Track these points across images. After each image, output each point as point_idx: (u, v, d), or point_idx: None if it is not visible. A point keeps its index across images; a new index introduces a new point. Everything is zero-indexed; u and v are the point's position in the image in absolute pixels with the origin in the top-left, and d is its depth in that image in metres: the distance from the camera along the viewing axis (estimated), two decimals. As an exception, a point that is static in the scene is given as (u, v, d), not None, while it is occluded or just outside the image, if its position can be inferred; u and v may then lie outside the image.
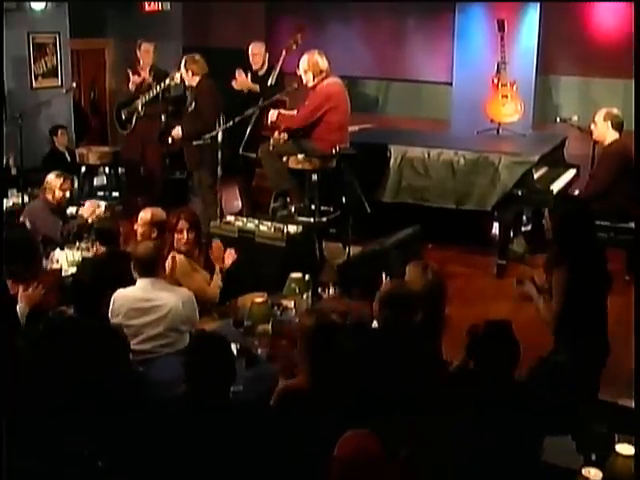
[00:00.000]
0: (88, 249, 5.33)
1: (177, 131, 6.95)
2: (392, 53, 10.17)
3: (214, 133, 6.23)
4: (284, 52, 7.40)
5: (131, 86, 7.78)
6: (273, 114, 6.44)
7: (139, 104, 7.75)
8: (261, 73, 7.60)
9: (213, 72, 7.00)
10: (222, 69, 7.16)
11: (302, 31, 7.39)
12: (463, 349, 3.32)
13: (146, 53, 7.79)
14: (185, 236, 4.77)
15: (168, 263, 4.56)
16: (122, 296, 4.04)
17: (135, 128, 7.86)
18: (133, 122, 7.84)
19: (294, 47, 7.35)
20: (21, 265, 4.23)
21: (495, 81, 8.92)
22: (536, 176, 6.63)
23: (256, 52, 7.60)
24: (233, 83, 7.49)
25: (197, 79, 6.86)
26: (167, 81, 7.37)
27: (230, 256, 4.92)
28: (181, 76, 7.04)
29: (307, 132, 6.33)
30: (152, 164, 7.93)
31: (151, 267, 4.03)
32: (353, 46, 10.22)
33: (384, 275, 4.41)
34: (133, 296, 4.03)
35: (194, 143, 6.59)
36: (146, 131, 7.80)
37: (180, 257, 4.62)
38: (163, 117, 7.42)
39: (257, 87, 7.44)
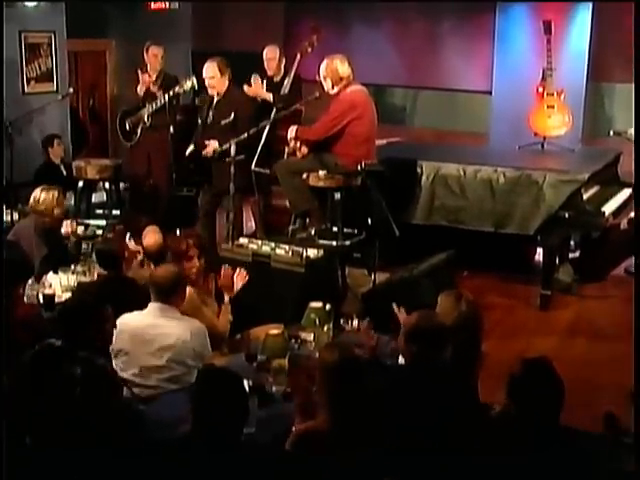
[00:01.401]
0: (85, 273, 5.42)
1: (215, 145, 6.81)
2: (424, 58, 10.25)
3: (226, 146, 6.31)
4: (298, 56, 7.49)
5: (140, 88, 7.86)
6: (292, 130, 6.52)
7: (145, 113, 7.84)
8: (276, 80, 7.71)
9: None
10: (235, 75, 7.27)
11: (318, 32, 7.47)
12: (503, 391, 3.30)
13: (154, 57, 7.88)
14: (196, 264, 4.84)
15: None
16: (126, 321, 4.13)
17: (140, 140, 7.95)
18: (138, 133, 7.93)
19: (309, 50, 7.44)
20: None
21: (540, 90, 8.94)
22: (585, 196, 6.65)
23: (271, 56, 7.70)
24: (245, 89, 7.58)
25: (226, 85, 6.96)
26: (177, 89, 7.45)
27: (241, 278, 4.99)
28: (193, 83, 7.13)
29: (329, 146, 6.40)
30: (158, 179, 8.00)
31: (166, 293, 4.12)
32: (380, 50, 10.31)
33: (397, 307, 4.44)
34: (139, 320, 4.11)
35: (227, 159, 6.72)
36: (152, 143, 7.86)
37: (189, 290, 4.67)
38: (171, 128, 7.49)
39: (270, 96, 7.53)
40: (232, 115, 6.95)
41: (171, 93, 7.52)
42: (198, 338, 4.12)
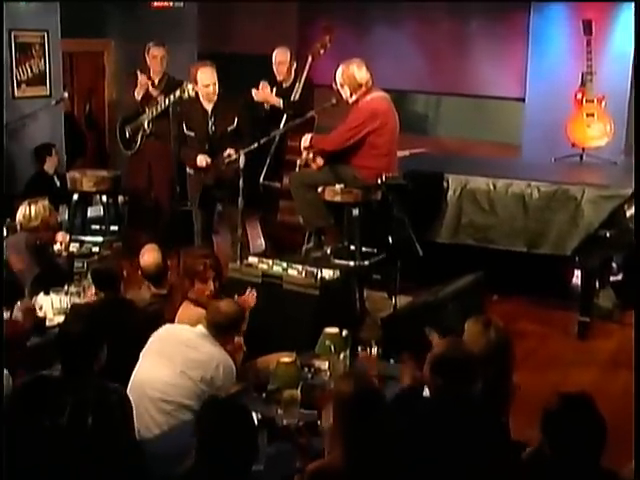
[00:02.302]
0: (79, 294, 5.46)
1: (232, 152, 6.71)
2: (450, 62, 10.27)
3: (235, 156, 6.37)
4: (310, 59, 7.55)
5: (137, 92, 7.92)
6: (306, 139, 6.56)
7: (145, 120, 7.91)
8: (286, 85, 7.77)
9: (233, 82, 7.15)
10: (244, 79, 7.33)
11: (331, 33, 7.52)
12: (537, 428, 3.28)
13: (155, 59, 7.96)
14: (210, 287, 4.89)
15: (180, 316, 4.66)
16: (169, 327, 4.37)
17: (140, 148, 8.01)
18: (138, 141, 8.00)
19: (321, 52, 7.50)
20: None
21: (579, 96, 8.93)
22: (628, 213, 6.64)
23: (281, 60, 7.75)
24: (253, 93, 7.63)
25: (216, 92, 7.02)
26: (177, 93, 7.50)
27: (251, 298, 5.03)
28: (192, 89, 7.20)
29: (347, 157, 6.44)
30: (160, 192, 8.07)
31: (223, 330, 4.21)
32: (402, 53, 10.35)
33: (429, 331, 4.45)
34: (182, 329, 4.33)
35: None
36: (153, 152, 7.95)
37: (200, 313, 4.66)
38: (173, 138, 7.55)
39: (280, 101, 7.59)
40: (235, 121, 7.01)
41: (172, 98, 7.56)
42: (224, 372, 4.17)
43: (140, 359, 4.25)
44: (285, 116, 7.41)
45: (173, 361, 4.15)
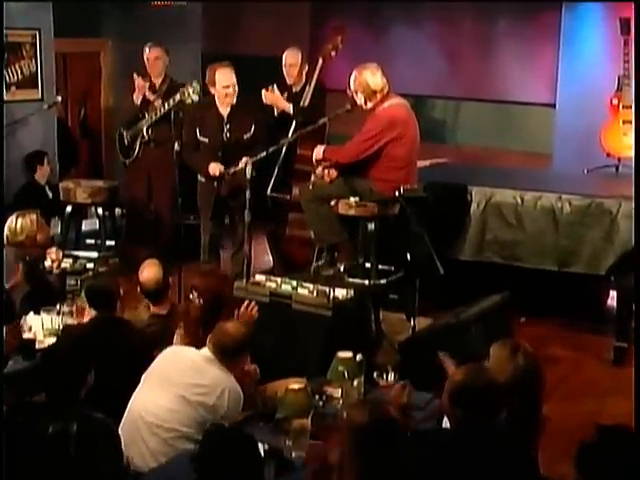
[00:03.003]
0: (72, 314, 5.47)
1: (247, 162, 6.64)
2: (474, 64, 10.30)
3: (241, 166, 6.39)
4: (320, 61, 7.59)
5: (136, 96, 7.96)
6: (319, 150, 6.59)
7: (144, 125, 7.93)
8: (296, 89, 7.81)
9: (240, 86, 7.17)
10: (252, 82, 7.36)
11: (343, 33, 7.55)
12: (571, 463, 3.25)
13: (154, 61, 7.98)
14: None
15: (178, 342, 4.67)
16: (172, 350, 4.35)
17: (138, 157, 8.04)
18: (136, 149, 8.03)
19: (333, 54, 7.53)
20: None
21: (614, 102, 8.93)
22: (668, 230, 6.64)
23: (292, 62, 7.80)
24: (263, 95, 7.65)
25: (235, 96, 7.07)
26: (177, 96, 7.51)
27: (252, 311, 5.01)
28: (196, 88, 7.22)
29: (363, 169, 6.46)
30: (160, 204, 8.10)
31: (229, 355, 4.21)
32: (421, 55, 10.39)
33: (443, 356, 4.44)
34: (186, 350, 4.32)
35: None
36: (153, 161, 7.97)
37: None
38: (177, 145, 7.58)
39: (290, 107, 7.63)
40: (252, 129, 7.04)
41: (171, 102, 7.56)
42: (229, 399, 4.16)
43: (141, 382, 4.25)
44: (294, 123, 7.43)
45: (174, 385, 4.14)
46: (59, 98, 8.82)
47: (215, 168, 7.01)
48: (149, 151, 7.98)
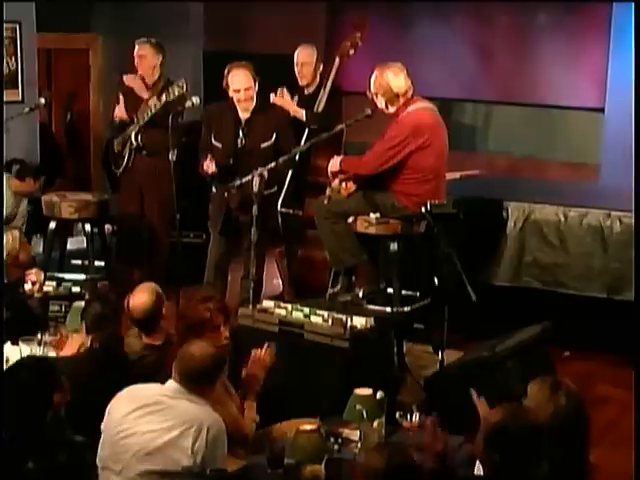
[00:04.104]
0: (55, 344, 5.46)
1: (254, 173, 6.62)
2: (509, 64, 10.27)
3: (248, 178, 6.40)
4: (337, 61, 7.62)
5: (117, 113, 7.96)
6: (335, 162, 6.60)
7: (132, 130, 7.92)
8: (310, 92, 7.85)
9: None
10: (261, 83, 7.39)
11: (363, 29, 7.58)
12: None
13: (142, 60, 7.96)
14: (224, 333, 4.89)
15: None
16: (129, 392, 4.21)
17: (129, 167, 8.03)
18: (125, 158, 8.06)
19: (351, 52, 7.55)
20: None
21: (671, 106, 8.91)
22: None
23: (305, 60, 7.81)
24: (271, 99, 7.68)
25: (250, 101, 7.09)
26: (163, 97, 7.48)
27: (269, 354, 5.00)
28: (180, 87, 7.26)
29: (385, 181, 6.47)
30: (153, 219, 8.09)
31: (197, 380, 4.16)
32: (450, 53, 10.36)
33: (474, 394, 4.43)
34: (149, 390, 4.21)
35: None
36: (145, 172, 7.96)
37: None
38: (171, 154, 7.57)
39: (303, 112, 7.65)
40: (273, 137, 7.06)
41: (157, 104, 7.59)
42: (208, 437, 4.10)
43: (102, 436, 4.15)
44: (307, 130, 7.45)
45: (137, 432, 4.07)
46: (42, 100, 8.78)
47: (208, 165, 6.99)
48: (141, 160, 7.95)
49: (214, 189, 7.28)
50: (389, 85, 6.37)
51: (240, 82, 6.99)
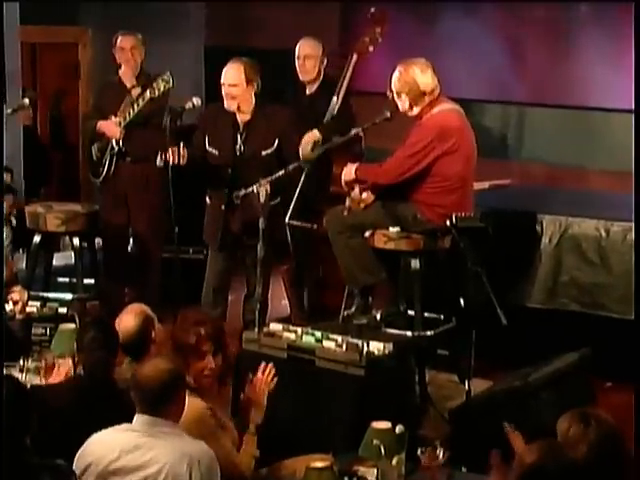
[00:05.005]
0: (39, 371, 5.48)
1: (260, 182, 6.59)
2: (544, 61, 10.25)
3: (253, 188, 6.41)
4: (354, 57, 7.61)
5: (100, 128, 7.92)
6: (350, 171, 6.58)
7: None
8: (312, 91, 7.88)
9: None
10: (267, 82, 7.40)
11: (383, 23, 7.57)
12: None
13: (123, 53, 7.97)
14: (210, 363, 4.88)
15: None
16: (97, 445, 4.17)
17: (109, 175, 7.98)
18: (106, 164, 7.99)
19: (370, 49, 7.56)
20: None
21: None
22: None
23: (308, 52, 7.80)
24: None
25: (252, 100, 7.10)
26: (161, 86, 7.44)
27: (268, 377, 4.99)
28: (166, 79, 7.28)
29: (406, 191, 6.47)
30: (142, 233, 8.11)
31: (155, 402, 4.15)
32: (480, 50, 10.35)
33: (508, 428, 4.43)
34: (114, 443, 4.14)
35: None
36: (130, 179, 7.96)
37: (198, 405, 4.64)
38: (159, 159, 7.52)
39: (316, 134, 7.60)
40: (275, 143, 7.08)
41: (140, 101, 7.61)
42: (201, 469, 4.11)
43: None
44: (319, 137, 7.46)
45: None
46: (26, 101, 8.83)
47: (173, 152, 6.90)
48: (125, 167, 7.94)
49: (208, 200, 7.29)
50: (416, 82, 6.36)
51: (226, 76, 6.99)
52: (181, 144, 6.94)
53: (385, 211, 6.50)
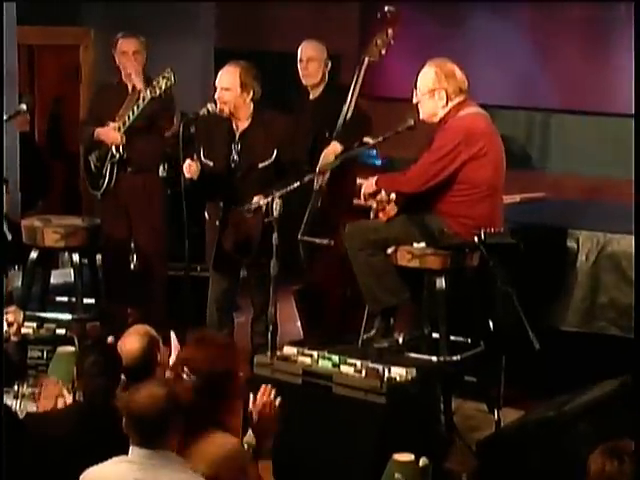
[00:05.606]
0: (36, 397, 5.48)
1: (261, 200, 6.62)
2: (577, 65, 10.24)
3: (267, 200, 6.41)
4: (365, 61, 7.63)
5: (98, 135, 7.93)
6: (370, 183, 6.56)
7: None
8: (315, 95, 7.91)
9: (266, 91, 7.20)
10: (281, 87, 7.41)
11: (394, 23, 7.58)
12: None
13: (125, 56, 8.00)
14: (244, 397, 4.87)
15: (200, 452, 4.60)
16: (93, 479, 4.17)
17: (110, 187, 8.01)
18: (107, 175, 8.02)
19: (382, 51, 7.58)
20: None
21: None
22: None
23: (311, 55, 7.86)
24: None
25: (250, 107, 7.10)
26: (162, 83, 7.44)
27: (266, 399, 4.93)
28: (170, 78, 7.30)
29: (431, 201, 6.46)
30: (145, 250, 8.15)
31: (152, 432, 4.14)
32: (506, 53, 10.36)
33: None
34: (113, 478, 4.13)
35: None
36: (131, 190, 7.98)
37: (228, 441, 4.56)
38: (162, 168, 7.53)
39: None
40: (273, 154, 7.07)
41: (141, 102, 7.61)
42: None
43: None
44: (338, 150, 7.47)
45: None
46: (24, 106, 8.81)
47: (189, 166, 6.90)
48: (126, 179, 7.97)
49: (207, 216, 7.30)
50: (454, 75, 6.37)
51: (220, 79, 7.04)
52: (194, 155, 6.96)
53: (409, 225, 6.48)
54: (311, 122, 7.69)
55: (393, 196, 6.52)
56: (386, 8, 7.64)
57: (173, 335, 5.49)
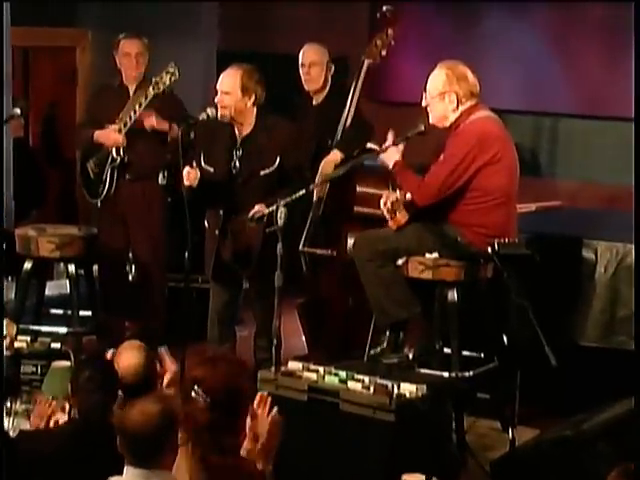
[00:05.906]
0: (29, 414, 5.47)
1: (263, 209, 6.72)
2: (599, 69, 10.23)
3: (271, 209, 6.39)
4: (365, 63, 7.63)
5: (98, 138, 7.91)
6: (388, 198, 6.52)
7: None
8: (318, 101, 7.95)
9: (271, 95, 7.19)
10: (287, 90, 7.39)
11: (394, 23, 7.59)
12: None
13: (127, 58, 7.99)
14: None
15: (182, 465, 4.58)
16: None
17: (110, 195, 7.99)
18: (106, 182, 7.99)
19: (383, 53, 7.58)
20: None
21: None
22: None
23: (314, 59, 7.89)
24: None
25: (253, 112, 7.09)
26: (165, 79, 7.45)
27: (263, 411, 4.88)
28: (174, 72, 7.31)
29: (444, 210, 6.45)
30: (143, 258, 8.13)
31: (146, 452, 4.12)
32: (523, 58, 10.36)
33: None
34: None
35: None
36: (130, 197, 7.98)
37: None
38: (161, 175, 7.49)
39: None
40: (276, 161, 7.06)
41: (143, 101, 7.61)
42: None
43: None
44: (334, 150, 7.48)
45: None
46: (17, 111, 8.82)
47: (189, 173, 6.87)
48: (124, 186, 7.95)
49: (207, 224, 7.29)
50: (467, 78, 6.38)
51: (221, 82, 7.03)
52: (194, 162, 6.95)
53: (421, 234, 6.48)
54: (314, 129, 7.71)
55: (409, 196, 6.51)
56: (385, 7, 7.63)
57: (163, 351, 5.51)
